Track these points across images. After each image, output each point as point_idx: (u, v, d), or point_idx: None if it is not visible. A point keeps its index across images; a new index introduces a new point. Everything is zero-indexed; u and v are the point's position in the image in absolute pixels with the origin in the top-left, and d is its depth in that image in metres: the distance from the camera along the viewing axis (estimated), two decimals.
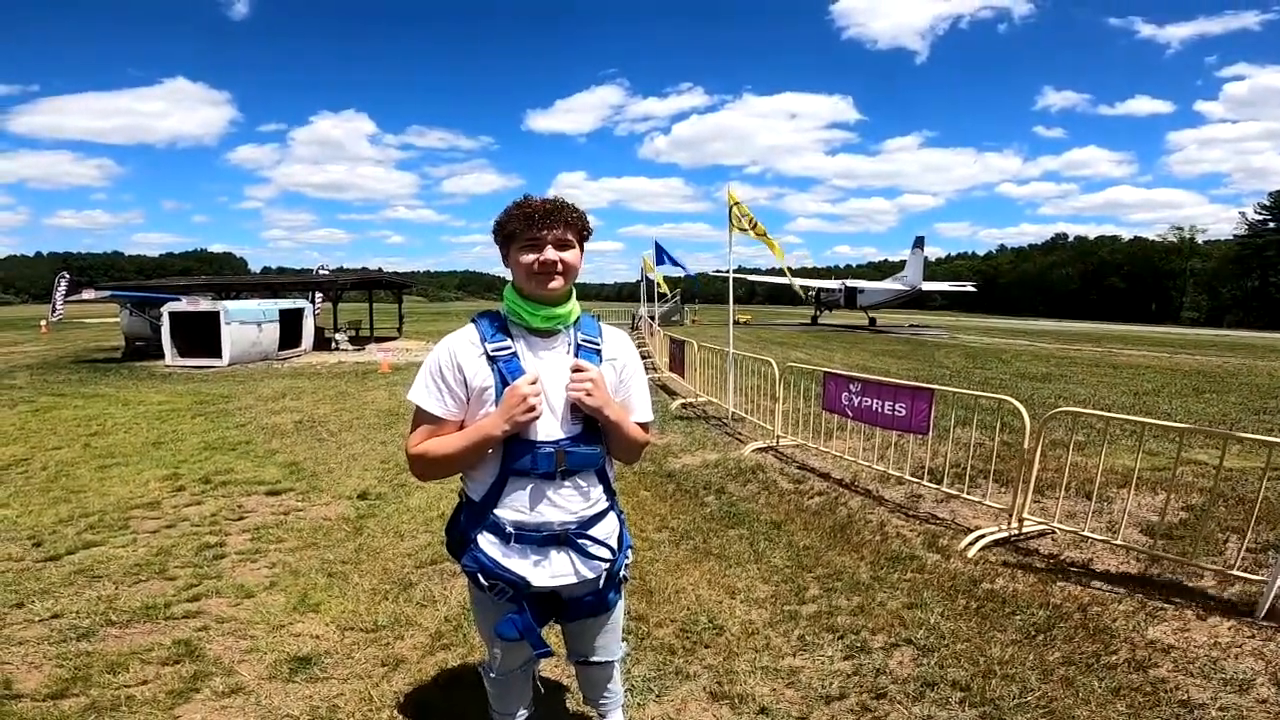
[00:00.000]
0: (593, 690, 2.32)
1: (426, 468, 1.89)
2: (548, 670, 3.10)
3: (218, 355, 16.53)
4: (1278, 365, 18.70)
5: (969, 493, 5.44)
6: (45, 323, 30.49)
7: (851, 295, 42.81)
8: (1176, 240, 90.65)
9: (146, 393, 12.31)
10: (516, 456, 1.83)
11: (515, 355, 1.85)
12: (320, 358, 19.09)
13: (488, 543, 1.88)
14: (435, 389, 1.85)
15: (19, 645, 3.36)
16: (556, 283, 1.82)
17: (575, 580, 1.91)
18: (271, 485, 6.20)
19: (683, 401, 10.80)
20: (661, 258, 17.47)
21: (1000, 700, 2.91)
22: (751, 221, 9.11)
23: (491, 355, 1.84)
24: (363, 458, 7.25)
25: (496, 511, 1.86)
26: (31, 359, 18.69)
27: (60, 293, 20.82)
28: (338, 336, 22.44)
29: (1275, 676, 3.07)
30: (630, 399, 2.01)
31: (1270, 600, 3.61)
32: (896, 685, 3.05)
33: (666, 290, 34.51)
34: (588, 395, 1.82)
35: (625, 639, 3.40)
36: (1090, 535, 4.54)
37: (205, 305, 17.04)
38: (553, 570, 1.89)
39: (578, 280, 1.92)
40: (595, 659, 2.17)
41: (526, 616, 1.89)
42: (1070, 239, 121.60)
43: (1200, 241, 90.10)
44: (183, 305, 17.01)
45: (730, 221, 9.25)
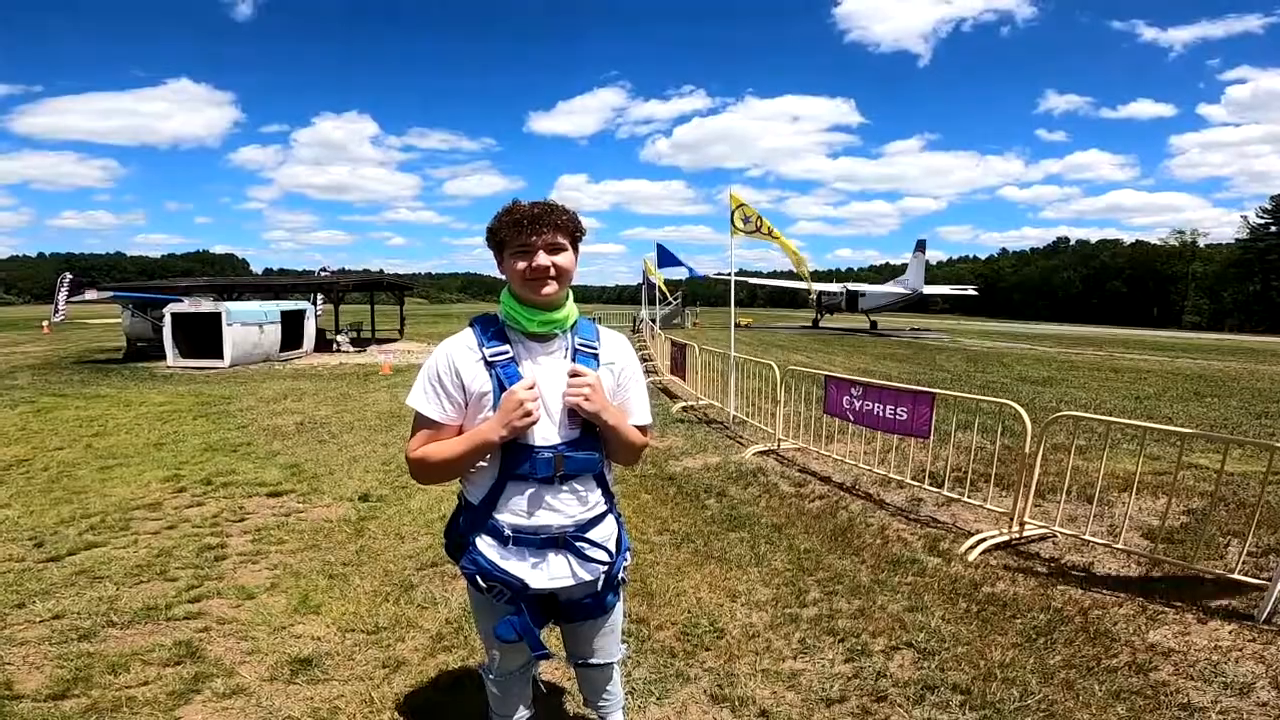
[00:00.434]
0: (593, 692, 2.32)
1: (426, 472, 1.89)
2: (548, 673, 3.11)
3: (219, 356, 16.54)
4: (1279, 370, 18.69)
5: (970, 496, 5.44)
6: (47, 323, 30.53)
7: (853, 298, 42.87)
8: (1178, 244, 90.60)
9: (148, 394, 12.32)
10: (515, 461, 1.83)
11: (513, 360, 1.85)
12: (322, 359, 19.10)
13: (486, 545, 1.88)
14: (433, 394, 1.85)
15: (20, 646, 3.36)
16: (550, 288, 1.82)
17: (573, 582, 1.92)
18: (273, 487, 6.21)
19: (684, 405, 10.80)
20: (665, 260, 17.51)
21: (1001, 703, 2.91)
22: (759, 222, 9.04)
23: (489, 361, 1.83)
24: (364, 459, 7.26)
25: (495, 515, 1.87)
26: (33, 359, 18.71)
27: (63, 293, 20.87)
28: (339, 338, 22.45)
29: (1276, 680, 3.08)
30: (629, 402, 2.01)
31: (1271, 604, 3.61)
32: (897, 688, 3.05)
33: (667, 293, 34.50)
34: (585, 400, 1.81)
35: (626, 641, 3.40)
36: (1091, 539, 4.54)
37: (207, 306, 17.07)
38: (551, 572, 1.89)
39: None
40: (594, 661, 2.17)
41: (525, 618, 1.89)
42: (1072, 242, 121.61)
43: (1202, 245, 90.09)
44: (185, 306, 17.03)
45: (732, 224, 9.23)
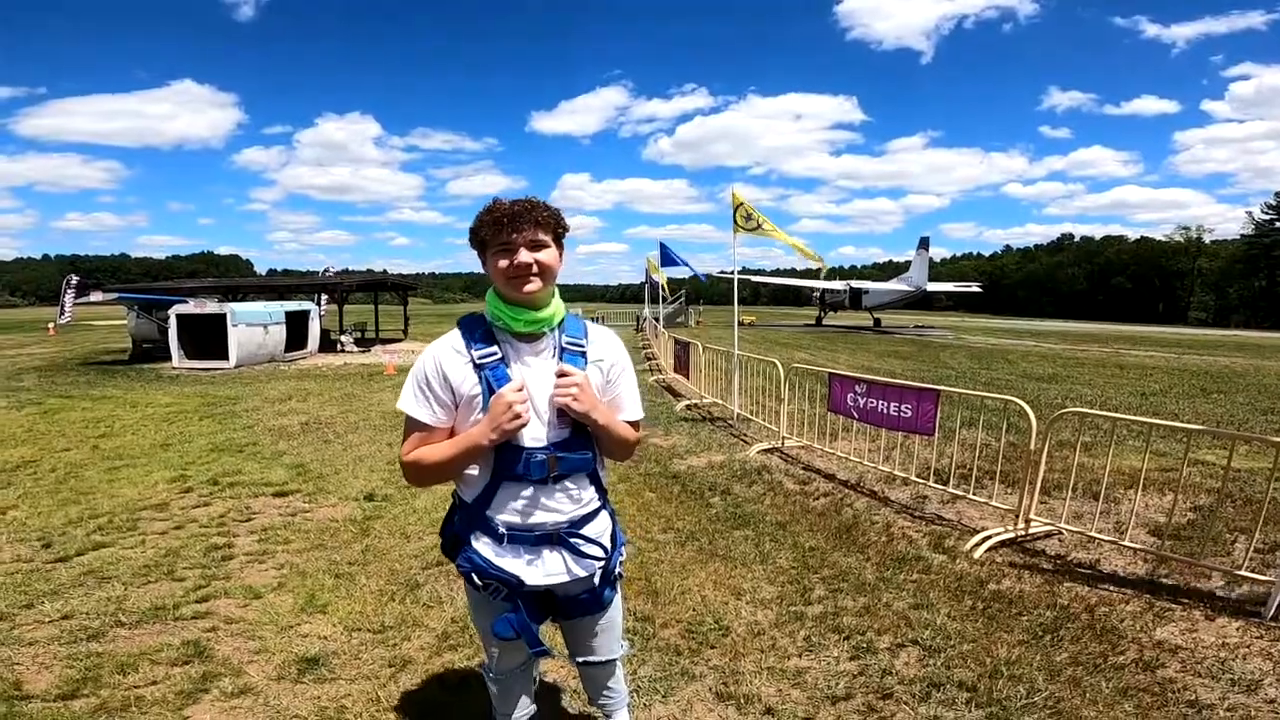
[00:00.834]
0: (595, 690, 2.32)
1: (420, 475, 1.89)
2: (553, 672, 3.11)
3: (224, 357, 16.59)
4: None
5: (975, 494, 5.43)
6: (53, 325, 30.67)
7: (856, 296, 42.79)
8: (1183, 240, 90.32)
9: (154, 395, 12.36)
10: (508, 463, 1.82)
11: (501, 362, 1.83)
12: (326, 359, 19.14)
13: (481, 543, 1.89)
14: (423, 397, 1.84)
15: (29, 646, 3.38)
16: (533, 285, 1.80)
17: (569, 579, 1.92)
18: (279, 487, 6.23)
19: (688, 403, 10.80)
20: (668, 259, 17.50)
21: (1007, 701, 2.91)
22: (759, 221, 9.03)
23: (478, 363, 1.82)
24: (369, 459, 7.27)
25: (489, 514, 1.87)
26: (40, 361, 18.79)
27: (69, 295, 20.93)
28: (343, 338, 22.49)
29: None
30: (619, 398, 2.01)
31: (1278, 600, 3.60)
32: (903, 686, 3.05)
33: (668, 293, 34.46)
34: (574, 400, 1.80)
35: (630, 640, 3.41)
36: (1097, 536, 4.53)
37: (212, 307, 17.11)
38: (546, 569, 1.89)
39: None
40: (595, 658, 2.17)
41: (522, 615, 1.89)
42: (1076, 239, 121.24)
43: (1207, 241, 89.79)
44: (190, 307, 17.08)
45: (734, 223, 9.22)
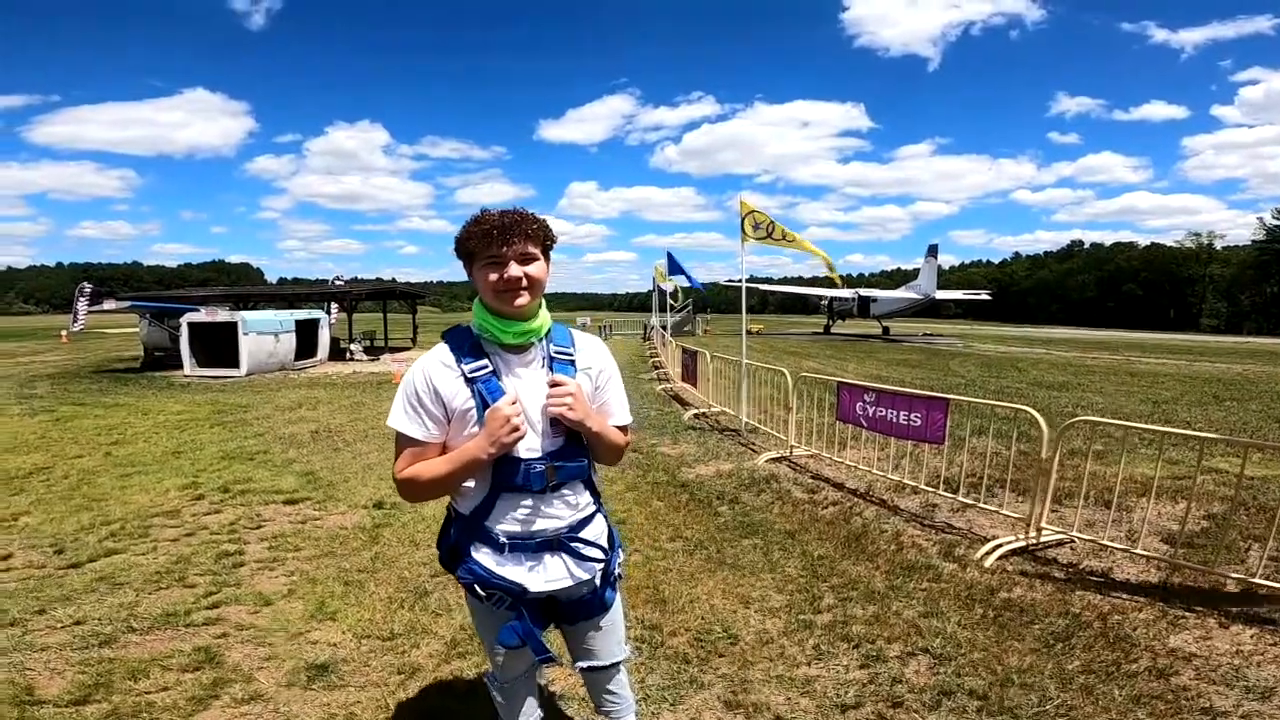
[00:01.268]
0: (600, 697, 2.31)
1: (415, 491, 1.87)
2: (560, 682, 3.11)
3: (236, 365, 16.72)
4: None
5: (985, 502, 5.40)
6: (66, 333, 30.96)
7: (864, 304, 42.68)
8: (1194, 246, 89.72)
9: (166, 402, 12.46)
10: (506, 474, 1.82)
11: (494, 375, 1.83)
12: (335, 368, 19.25)
13: (481, 554, 1.88)
14: (414, 414, 1.83)
15: (41, 651, 3.41)
16: (523, 299, 1.79)
17: (571, 583, 1.92)
18: (289, 494, 6.26)
19: (695, 412, 10.79)
20: (675, 268, 17.54)
21: (1018, 709, 2.89)
22: (772, 227, 8.99)
23: (469, 377, 1.81)
24: (378, 467, 7.30)
25: (488, 524, 1.86)
26: (53, 369, 18.96)
27: (82, 303, 21.16)
28: (353, 347, 22.62)
29: None
30: (608, 404, 2.01)
31: None
32: (913, 694, 3.04)
33: (679, 298, 34.47)
34: (569, 410, 1.81)
35: (639, 648, 3.41)
36: (1110, 544, 4.50)
37: (223, 316, 17.26)
38: (548, 575, 1.89)
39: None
40: (599, 662, 2.15)
41: (526, 622, 1.90)
42: (1086, 246, 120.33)
43: (1218, 247, 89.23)
44: (201, 316, 17.23)
45: (742, 231, 9.21)
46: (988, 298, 51.90)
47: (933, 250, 41.30)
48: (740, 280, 11.06)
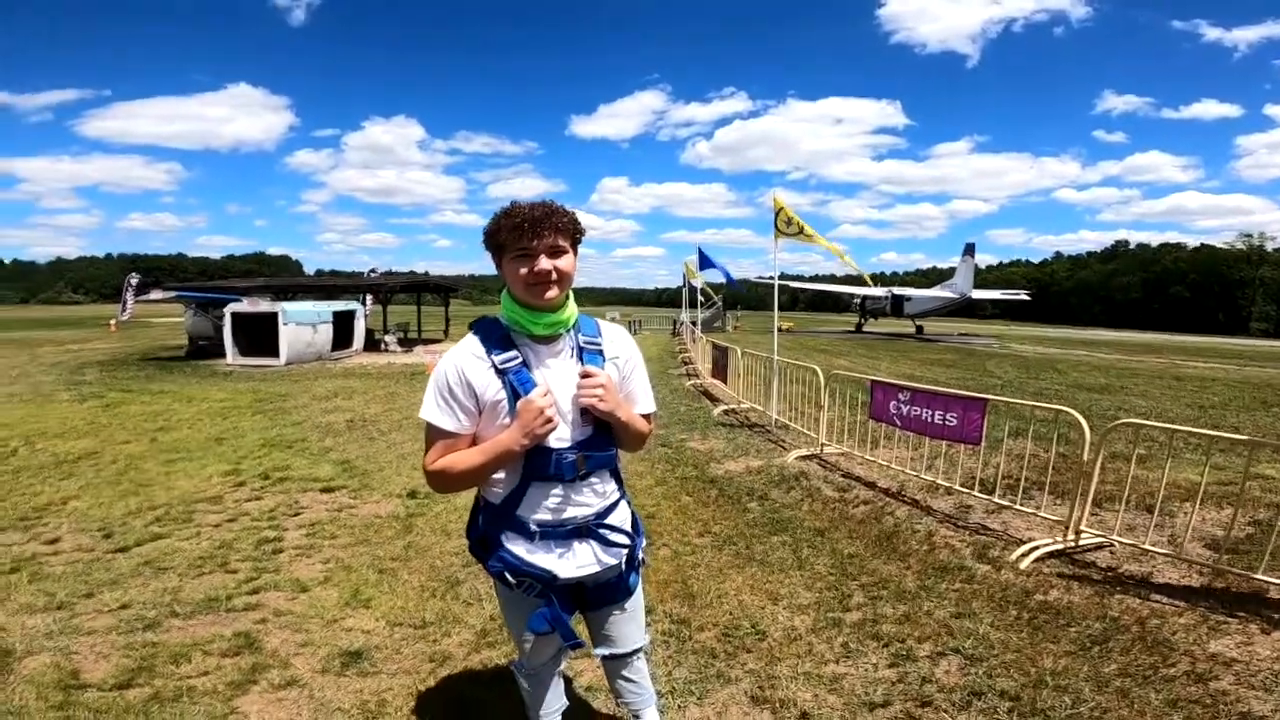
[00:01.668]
0: (622, 686, 2.31)
1: (448, 483, 1.90)
2: (587, 674, 3.14)
3: (275, 355, 17.11)
4: None
5: (1022, 504, 5.30)
6: (114, 321, 31.98)
7: (898, 303, 42.07)
8: (1245, 248, 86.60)
9: (209, 390, 12.81)
10: (538, 464, 1.85)
11: (524, 366, 1.85)
12: (370, 358, 19.59)
13: (513, 542, 1.91)
14: (446, 406, 1.84)
15: (88, 635, 3.50)
16: (553, 292, 1.81)
17: (599, 568, 1.96)
18: (325, 482, 6.40)
19: (725, 408, 10.76)
20: (706, 263, 17.49)
21: (1051, 711, 2.84)
22: (799, 226, 8.94)
23: (500, 368, 1.83)
24: (412, 457, 7.41)
25: (519, 513, 1.89)
26: (102, 356, 19.61)
27: (130, 293, 21.85)
28: (387, 338, 23.00)
29: None
30: (633, 392, 2.04)
31: None
32: (943, 694, 3.00)
33: (711, 294, 34.35)
34: (600, 401, 1.83)
35: (666, 642, 3.42)
36: (1151, 549, 4.39)
37: (265, 306, 17.68)
38: (577, 561, 1.93)
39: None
40: (620, 650, 2.18)
41: (555, 609, 1.93)
42: (1132, 246, 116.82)
43: (1270, 249, 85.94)
44: (244, 306, 17.68)
45: (776, 228, 9.15)
46: (1026, 298, 50.70)
47: (969, 249, 40.53)
48: (772, 277, 10.98)
